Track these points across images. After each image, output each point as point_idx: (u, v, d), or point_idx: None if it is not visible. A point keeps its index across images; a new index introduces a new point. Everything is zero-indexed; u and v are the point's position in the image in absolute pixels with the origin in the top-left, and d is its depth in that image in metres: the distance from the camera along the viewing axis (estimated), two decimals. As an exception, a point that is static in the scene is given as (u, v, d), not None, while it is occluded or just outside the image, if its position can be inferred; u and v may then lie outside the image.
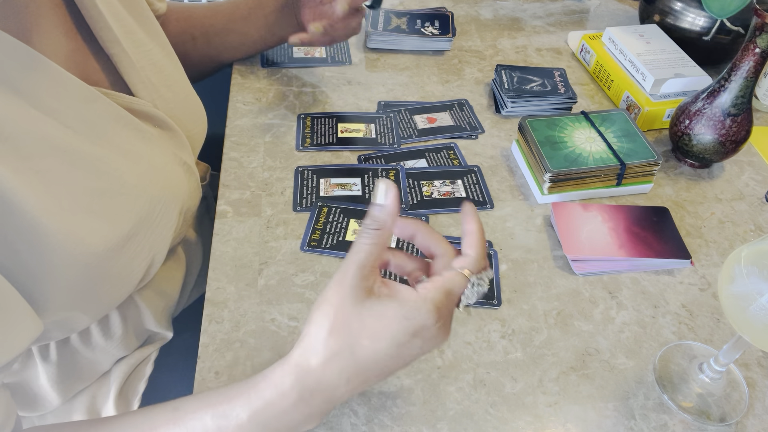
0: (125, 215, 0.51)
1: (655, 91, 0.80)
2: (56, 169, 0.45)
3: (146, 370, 0.67)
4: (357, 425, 0.51)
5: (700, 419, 0.52)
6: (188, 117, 0.62)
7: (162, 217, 0.55)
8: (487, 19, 1.03)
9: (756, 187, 0.75)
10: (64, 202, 0.45)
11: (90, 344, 0.60)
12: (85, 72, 0.53)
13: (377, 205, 0.42)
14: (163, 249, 0.57)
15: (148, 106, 0.56)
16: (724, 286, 0.46)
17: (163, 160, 0.57)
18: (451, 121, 0.81)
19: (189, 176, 0.62)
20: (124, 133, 0.52)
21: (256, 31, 0.82)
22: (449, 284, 0.42)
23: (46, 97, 0.46)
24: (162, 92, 0.58)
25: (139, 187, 0.52)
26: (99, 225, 0.48)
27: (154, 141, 0.56)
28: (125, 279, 0.53)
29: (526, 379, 0.54)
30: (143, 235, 0.53)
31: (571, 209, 0.68)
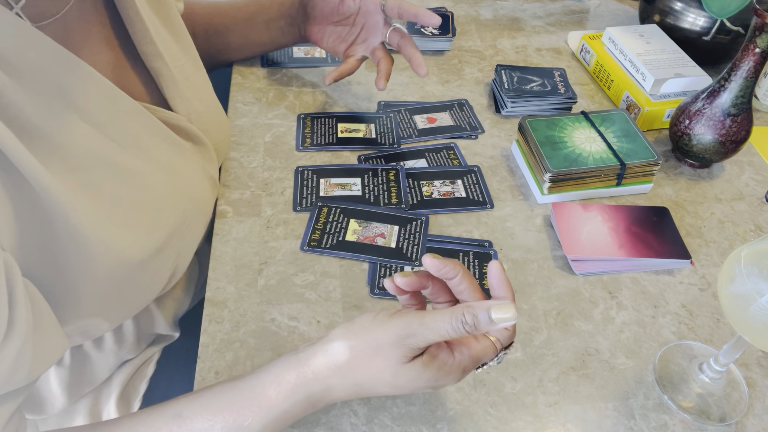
0: (160, 227, 0.52)
1: (655, 91, 0.80)
2: (101, 182, 0.46)
3: (148, 370, 0.67)
4: (357, 425, 0.51)
5: (700, 419, 0.52)
6: (216, 129, 0.63)
7: (190, 229, 0.56)
8: (487, 19, 1.03)
9: (756, 187, 0.75)
10: (107, 214, 0.46)
11: (102, 349, 0.61)
12: (126, 86, 0.53)
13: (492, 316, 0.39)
14: (186, 259, 0.58)
15: (184, 121, 0.57)
16: (724, 285, 0.46)
17: (194, 173, 0.58)
18: (451, 121, 0.81)
19: (213, 189, 0.63)
20: (163, 147, 0.53)
21: (256, 34, 0.82)
22: (482, 354, 0.43)
23: (95, 111, 0.47)
24: (195, 106, 0.59)
25: (173, 200, 0.53)
26: (137, 237, 0.49)
27: (187, 155, 0.57)
28: (150, 289, 0.54)
29: (526, 379, 0.54)
30: (173, 247, 0.54)
31: (571, 209, 0.68)
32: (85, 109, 0.46)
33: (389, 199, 0.69)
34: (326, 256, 0.64)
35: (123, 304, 0.53)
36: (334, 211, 0.68)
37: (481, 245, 0.65)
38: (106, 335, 0.60)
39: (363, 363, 0.41)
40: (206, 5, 0.82)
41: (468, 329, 0.39)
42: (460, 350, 0.42)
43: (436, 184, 0.72)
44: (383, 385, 0.41)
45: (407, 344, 0.40)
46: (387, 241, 0.64)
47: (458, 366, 0.42)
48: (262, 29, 0.81)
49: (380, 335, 0.41)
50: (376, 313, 0.43)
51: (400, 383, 0.41)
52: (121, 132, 0.49)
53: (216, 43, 0.82)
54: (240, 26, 0.81)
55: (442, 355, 0.42)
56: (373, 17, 0.76)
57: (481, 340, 0.43)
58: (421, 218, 0.67)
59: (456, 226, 0.67)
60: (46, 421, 0.63)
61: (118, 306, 0.52)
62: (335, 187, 0.71)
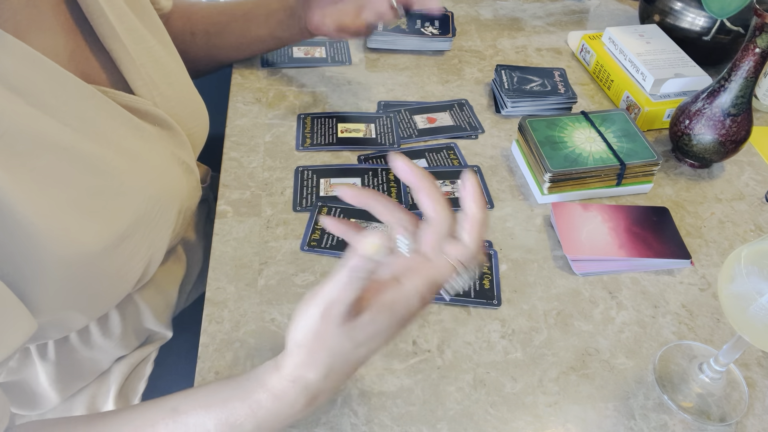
0: (121, 214, 0.50)
1: (655, 91, 0.80)
2: (52, 168, 0.45)
3: (146, 369, 0.67)
4: (357, 425, 0.51)
5: (700, 419, 0.52)
6: (189, 115, 0.62)
7: (160, 216, 0.55)
8: (487, 19, 1.03)
9: (756, 187, 0.75)
10: (59, 200, 0.45)
11: (89, 343, 0.60)
12: (85, 70, 0.53)
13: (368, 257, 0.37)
14: (161, 249, 0.57)
15: (147, 105, 0.56)
16: (724, 285, 0.46)
17: (162, 159, 0.57)
18: (451, 121, 0.81)
19: (188, 176, 0.61)
20: (122, 131, 0.52)
21: (256, 29, 0.81)
22: (435, 274, 0.41)
23: (43, 95, 0.45)
24: (162, 90, 0.58)
25: (136, 187, 0.52)
26: (94, 224, 0.48)
27: (153, 139, 0.56)
28: (122, 279, 0.53)
29: (526, 379, 0.54)
30: (141, 235, 0.52)
31: (571, 209, 0.68)
32: (31, 94, 0.44)
33: (389, 199, 0.69)
34: (326, 256, 0.64)
35: (95, 296, 0.51)
36: (334, 211, 0.68)
37: (481, 245, 0.65)
38: (91, 328, 0.60)
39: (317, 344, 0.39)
40: (206, 5, 0.82)
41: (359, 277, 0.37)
42: (408, 277, 0.40)
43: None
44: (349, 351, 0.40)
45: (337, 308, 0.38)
46: (387, 241, 0.64)
47: (413, 292, 0.39)
48: (261, 23, 0.81)
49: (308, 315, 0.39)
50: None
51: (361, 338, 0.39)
52: (73, 116, 0.47)
53: (216, 43, 0.82)
54: (239, 22, 0.81)
55: (390, 293, 0.39)
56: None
57: (433, 260, 0.41)
58: (419, 217, 0.67)
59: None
60: (42, 417, 0.63)
61: (87, 297, 0.51)
62: (335, 187, 0.71)
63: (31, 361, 0.59)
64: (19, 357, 0.58)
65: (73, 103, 0.48)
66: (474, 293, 0.60)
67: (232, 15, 0.81)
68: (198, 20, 0.80)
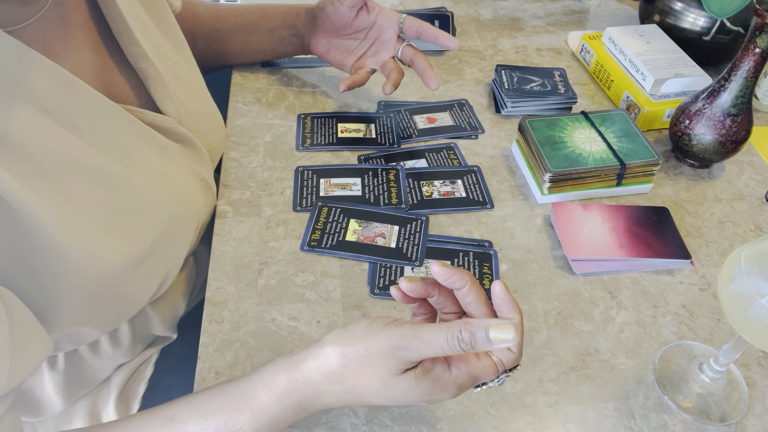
0: (144, 234, 0.51)
1: (655, 91, 0.80)
2: (78, 188, 0.45)
3: (146, 372, 0.67)
4: (357, 425, 0.51)
5: (700, 419, 0.52)
6: (209, 131, 0.62)
7: (179, 235, 0.55)
8: (487, 19, 1.03)
9: (756, 187, 0.75)
10: (84, 221, 0.45)
11: (98, 353, 0.61)
12: (111, 88, 0.53)
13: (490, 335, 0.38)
14: (177, 266, 0.57)
15: (172, 123, 0.56)
16: (724, 285, 0.46)
17: (182, 176, 0.57)
18: (451, 121, 0.81)
19: (206, 192, 0.62)
20: (146, 149, 0.52)
21: (257, 42, 0.82)
22: (480, 373, 0.41)
23: (72, 115, 0.46)
24: (187, 107, 0.58)
25: (158, 206, 0.52)
26: (117, 244, 0.48)
27: (175, 157, 0.56)
28: (138, 295, 0.53)
29: (526, 379, 0.54)
30: (159, 253, 0.53)
31: (571, 209, 0.68)
32: (61, 114, 0.45)
33: (389, 199, 0.69)
34: (326, 256, 0.64)
35: (110, 313, 0.52)
36: (334, 211, 0.68)
37: (481, 245, 0.65)
38: (101, 339, 0.60)
39: (354, 371, 0.40)
40: (211, 8, 0.82)
41: (464, 347, 0.38)
42: (457, 366, 0.41)
43: (436, 184, 0.72)
44: (374, 395, 0.40)
45: (400, 356, 0.39)
46: (387, 241, 0.64)
47: (454, 382, 0.40)
48: (263, 37, 0.81)
49: (373, 344, 0.39)
50: (372, 320, 0.41)
51: (391, 395, 0.40)
52: (101, 136, 0.48)
53: (215, 48, 0.83)
54: (242, 32, 0.81)
55: (437, 370, 0.40)
56: (386, 32, 0.76)
57: (482, 358, 0.42)
58: (421, 218, 0.67)
59: (456, 226, 0.67)
60: (44, 423, 0.63)
61: (104, 314, 0.51)
62: (335, 187, 0.71)
63: (40, 370, 0.58)
64: None
65: (101, 124, 0.48)
66: (474, 293, 0.60)
67: (234, 24, 0.81)
68: (201, 24, 0.80)
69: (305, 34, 0.78)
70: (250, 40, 0.82)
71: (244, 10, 0.81)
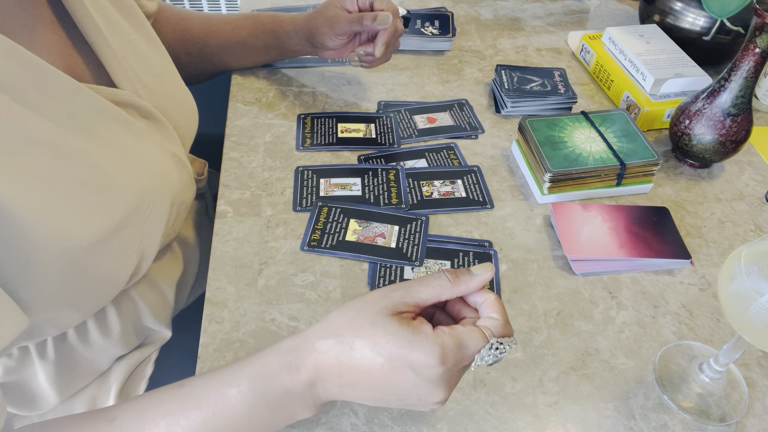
0: (113, 208, 0.50)
1: (655, 91, 0.80)
2: (38, 163, 0.45)
3: (147, 370, 0.67)
4: (357, 425, 0.51)
5: (700, 419, 0.52)
6: (176, 108, 0.62)
7: (152, 209, 0.55)
8: (487, 19, 1.03)
9: (756, 187, 0.75)
10: (48, 195, 0.45)
11: (88, 342, 0.60)
12: (68, 65, 0.53)
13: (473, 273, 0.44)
14: (153, 243, 0.56)
15: (131, 97, 0.56)
16: (724, 285, 0.46)
17: (152, 152, 0.56)
18: (451, 121, 0.81)
19: (180, 169, 0.61)
20: (110, 125, 0.52)
21: (255, 56, 0.84)
22: (465, 337, 0.42)
23: (28, 90, 0.45)
24: (147, 82, 0.58)
25: (126, 180, 0.52)
26: (85, 218, 0.48)
27: (141, 133, 0.55)
28: (114, 273, 0.53)
29: (526, 379, 0.54)
30: (133, 228, 0.52)
31: (571, 209, 0.68)
32: (16, 89, 0.44)
33: (389, 199, 0.69)
34: (326, 256, 0.64)
35: (88, 292, 0.51)
36: (334, 211, 0.68)
37: (481, 245, 0.65)
38: (89, 327, 0.60)
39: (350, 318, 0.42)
40: (201, 23, 0.82)
41: (450, 277, 0.43)
42: (441, 329, 0.42)
43: (436, 184, 0.72)
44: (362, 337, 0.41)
45: (391, 296, 0.42)
46: (387, 241, 0.64)
47: (435, 340, 0.41)
48: (260, 52, 0.83)
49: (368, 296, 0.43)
50: None
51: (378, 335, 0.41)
52: (58, 111, 0.47)
53: (214, 62, 0.84)
54: (236, 49, 0.83)
55: (423, 326, 0.42)
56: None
57: (466, 325, 0.43)
58: (421, 218, 0.67)
59: (456, 226, 0.67)
60: (42, 417, 0.63)
61: (82, 294, 0.51)
62: (335, 187, 0.71)
63: (31, 360, 0.58)
64: (18, 356, 0.57)
65: (58, 99, 0.48)
66: (474, 293, 0.60)
67: (227, 41, 0.82)
68: (191, 39, 0.81)
69: (304, 51, 0.81)
70: (245, 54, 0.84)
71: (234, 26, 0.82)
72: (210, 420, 0.43)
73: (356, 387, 0.42)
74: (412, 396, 0.42)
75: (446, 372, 0.41)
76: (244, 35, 0.81)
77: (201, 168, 0.77)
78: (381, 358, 0.41)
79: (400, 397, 0.42)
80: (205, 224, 0.78)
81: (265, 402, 0.43)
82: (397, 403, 0.43)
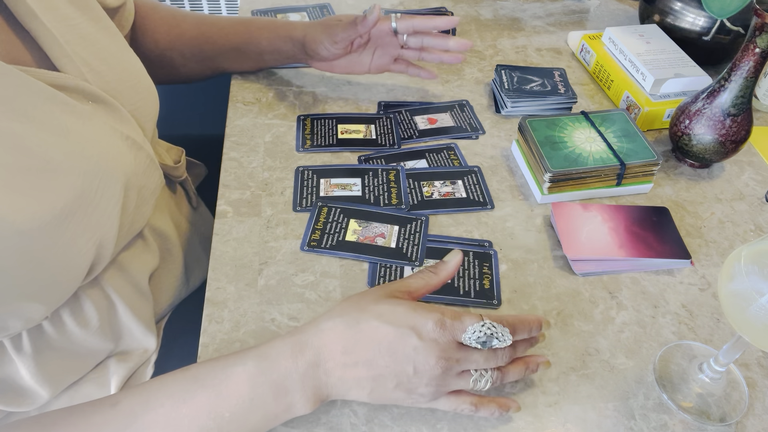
0: (55, 191, 0.49)
1: (655, 91, 0.80)
2: None
3: (147, 372, 0.67)
4: (357, 425, 0.51)
5: (700, 419, 0.52)
6: (129, 90, 0.61)
7: (102, 192, 0.53)
8: (487, 19, 1.03)
9: (756, 187, 0.75)
10: None
11: (65, 334, 0.58)
12: (8, 51, 0.52)
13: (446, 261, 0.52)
14: (110, 228, 0.55)
15: (74, 80, 0.55)
16: (724, 285, 0.46)
17: (99, 134, 0.55)
18: (451, 121, 0.81)
19: (136, 151, 0.59)
20: (47, 107, 0.51)
21: (249, 63, 0.84)
22: (462, 311, 0.47)
23: None
24: (94, 66, 0.57)
25: (68, 163, 0.50)
26: (24, 203, 0.46)
27: (85, 115, 0.54)
28: (72, 261, 0.51)
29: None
30: (83, 213, 0.51)
31: (571, 209, 0.68)
32: None
33: (389, 199, 0.69)
34: (326, 256, 0.64)
35: (47, 282, 0.50)
36: (334, 211, 0.68)
37: (481, 245, 0.65)
38: (65, 318, 0.58)
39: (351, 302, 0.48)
40: (196, 26, 0.82)
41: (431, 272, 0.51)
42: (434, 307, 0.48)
43: (436, 185, 0.72)
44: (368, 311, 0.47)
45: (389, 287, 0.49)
46: (387, 241, 0.65)
47: (436, 308, 0.47)
48: (253, 58, 0.83)
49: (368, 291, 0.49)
50: None
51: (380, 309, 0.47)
52: None
53: (210, 66, 0.84)
54: (230, 55, 0.83)
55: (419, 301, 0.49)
56: (384, 39, 0.79)
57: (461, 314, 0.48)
58: (421, 218, 0.67)
59: (456, 226, 0.67)
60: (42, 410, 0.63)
61: (40, 283, 0.50)
62: (335, 187, 0.71)
63: (8, 356, 0.57)
64: None
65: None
66: (474, 293, 0.60)
67: (221, 46, 0.82)
68: (188, 45, 0.81)
69: (298, 59, 0.81)
70: (239, 60, 0.84)
71: (227, 32, 0.82)
72: (214, 400, 0.44)
73: (358, 365, 0.45)
74: (409, 369, 0.45)
75: (443, 337, 0.46)
76: (238, 41, 0.81)
77: (178, 155, 0.76)
78: (387, 326, 0.45)
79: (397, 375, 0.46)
80: (186, 215, 0.76)
81: (266, 382, 0.45)
82: (393, 383, 0.46)
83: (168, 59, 0.80)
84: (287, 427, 0.50)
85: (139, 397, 0.45)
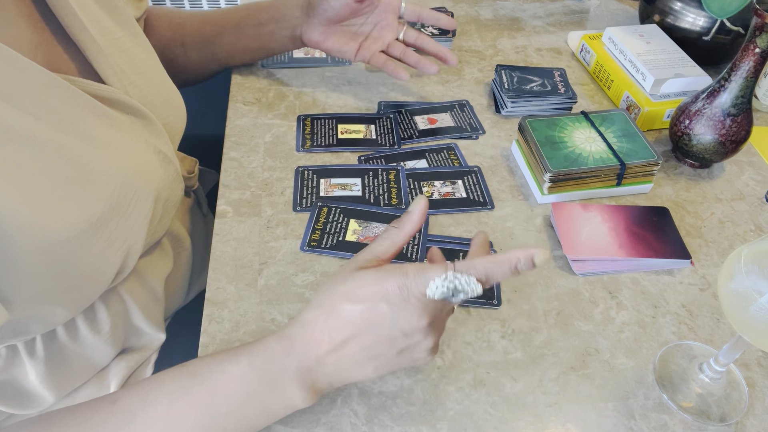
0: (92, 201, 0.50)
1: (655, 91, 0.80)
2: (15, 156, 0.44)
3: (147, 372, 0.67)
4: (357, 425, 0.51)
5: (700, 419, 0.52)
6: (163, 105, 0.62)
7: (135, 205, 0.54)
8: (487, 19, 1.03)
9: (756, 187, 0.75)
10: (24, 189, 0.45)
11: (78, 339, 0.59)
12: (52, 61, 0.52)
13: (410, 211, 0.48)
14: (139, 239, 0.56)
15: (117, 93, 0.55)
16: (723, 285, 0.46)
17: (135, 147, 0.56)
18: (451, 121, 0.81)
19: (166, 165, 0.61)
20: (90, 119, 0.52)
21: (246, 41, 0.82)
22: (427, 266, 0.45)
23: (5, 84, 0.45)
24: (133, 79, 0.58)
25: (106, 174, 0.51)
26: (64, 212, 0.47)
27: (124, 128, 0.55)
28: (99, 269, 0.52)
29: (526, 379, 0.54)
30: (116, 223, 0.52)
31: (571, 209, 0.68)
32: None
33: (389, 199, 0.69)
34: (326, 256, 0.64)
35: (73, 288, 0.51)
36: (334, 211, 0.68)
37: (481, 245, 0.65)
38: (79, 324, 0.59)
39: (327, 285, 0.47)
40: (199, 16, 0.82)
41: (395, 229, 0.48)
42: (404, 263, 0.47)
43: (436, 185, 0.72)
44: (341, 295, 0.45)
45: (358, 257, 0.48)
46: (387, 241, 0.64)
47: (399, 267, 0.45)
48: (250, 35, 0.81)
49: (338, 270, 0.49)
50: None
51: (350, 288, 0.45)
52: (38, 105, 0.47)
53: (206, 53, 0.83)
54: (228, 33, 0.82)
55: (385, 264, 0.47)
56: (388, 16, 0.79)
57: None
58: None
59: (456, 226, 0.67)
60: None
61: (67, 290, 0.50)
62: (335, 187, 0.71)
63: (20, 359, 0.58)
64: (6, 355, 0.57)
65: (37, 93, 0.47)
66: (474, 293, 0.60)
67: (222, 27, 0.81)
68: (187, 31, 0.81)
69: (297, 24, 0.78)
70: (238, 39, 0.82)
71: (231, 11, 0.82)
72: (211, 396, 0.45)
73: (349, 345, 0.45)
74: (396, 333, 0.45)
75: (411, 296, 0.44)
76: (240, 16, 0.81)
77: (192, 166, 0.77)
78: (359, 305, 0.44)
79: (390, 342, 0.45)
80: (197, 221, 0.77)
81: (262, 379, 0.45)
82: (392, 352, 0.46)
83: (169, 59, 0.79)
84: (287, 427, 0.50)
85: (137, 394, 0.45)
